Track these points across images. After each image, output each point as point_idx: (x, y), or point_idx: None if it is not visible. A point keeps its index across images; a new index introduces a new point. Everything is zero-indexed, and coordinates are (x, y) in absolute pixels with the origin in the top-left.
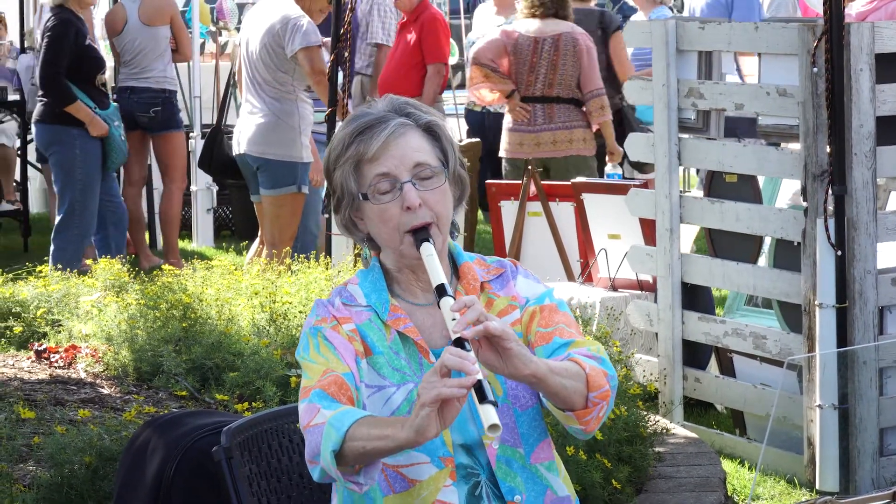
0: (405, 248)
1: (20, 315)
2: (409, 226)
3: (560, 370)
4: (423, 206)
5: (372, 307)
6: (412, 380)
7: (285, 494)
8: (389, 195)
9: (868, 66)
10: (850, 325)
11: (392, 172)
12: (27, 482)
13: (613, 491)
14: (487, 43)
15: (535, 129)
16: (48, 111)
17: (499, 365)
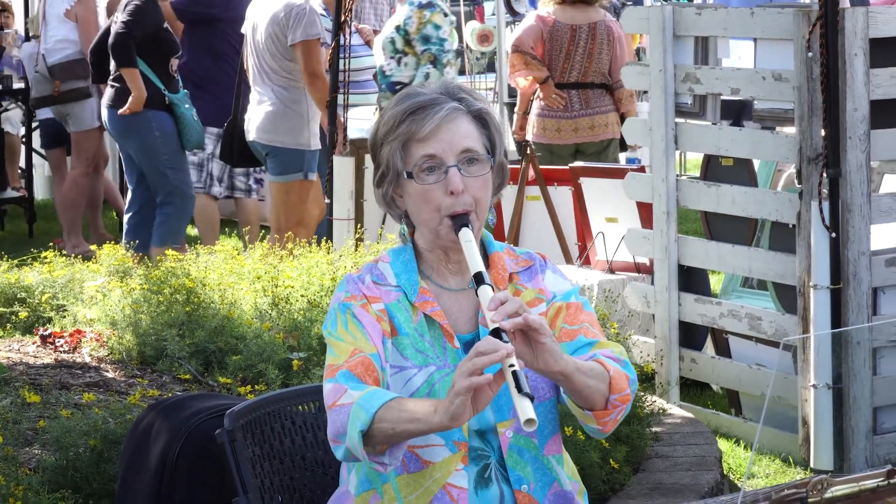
0: (443, 229)
1: (25, 300)
2: (451, 210)
3: (586, 369)
4: (465, 192)
5: (401, 288)
6: (434, 363)
7: (288, 476)
8: (434, 176)
9: (862, 51)
10: (845, 306)
11: (439, 155)
12: (33, 465)
13: (611, 470)
14: (526, 30)
15: (572, 115)
16: (122, 96)
17: (530, 359)
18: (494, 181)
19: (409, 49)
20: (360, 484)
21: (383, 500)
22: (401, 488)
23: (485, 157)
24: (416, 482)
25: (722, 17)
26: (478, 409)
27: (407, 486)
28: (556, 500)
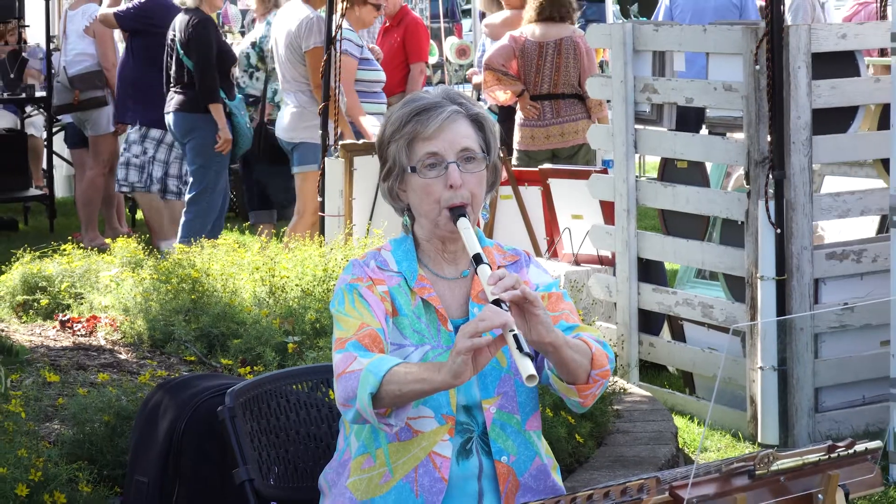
0: (442, 220)
1: (46, 289)
2: (450, 202)
3: (572, 344)
4: (463, 187)
5: (402, 274)
6: (429, 342)
7: (283, 449)
8: (435, 171)
9: (805, 64)
10: (789, 296)
11: (441, 152)
12: (52, 439)
13: (577, 444)
14: (497, 49)
15: (544, 124)
16: (189, 101)
17: (525, 330)
18: (489, 179)
19: (261, 65)
20: (358, 450)
21: (375, 463)
22: (391, 454)
23: (481, 156)
24: (405, 449)
25: (677, 33)
26: (477, 368)
27: (396, 453)
28: (536, 474)
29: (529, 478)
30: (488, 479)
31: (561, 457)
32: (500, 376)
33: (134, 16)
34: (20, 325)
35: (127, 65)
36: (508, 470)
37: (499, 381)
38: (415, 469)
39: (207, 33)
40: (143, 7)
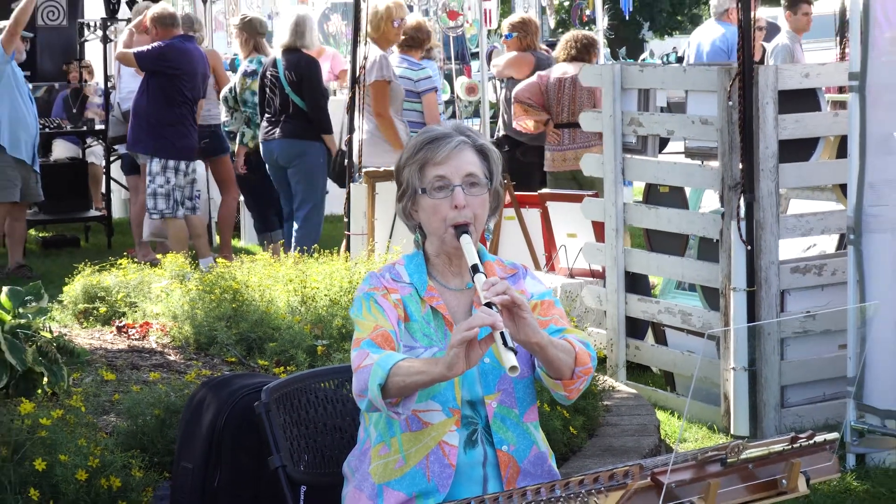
0: (448, 237)
1: (104, 298)
2: (455, 221)
3: (557, 344)
4: (467, 208)
5: (413, 285)
6: (437, 345)
7: (312, 439)
8: (443, 193)
9: (772, 101)
10: (758, 305)
11: (448, 176)
12: (109, 430)
13: (571, 436)
14: (526, 85)
15: (563, 149)
16: (296, 130)
17: (514, 331)
18: (491, 203)
19: (236, 107)
20: (376, 439)
21: (390, 451)
22: (404, 443)
23: (484, 182)
24: (417, 438)
25: (660, 73)
26: (470, 363)
27: (409, 442)
28: (534, 460)
29: (528, 464)
30: (492, 466)
31: (557, 446)
32: (499, 375)
33: (153, 58)
34: (81, 330)
35: (142, 101)
36: (509, 458)
37: (498, 379)
38: (426, 456)
39: (318, 73)
40: (162, 51)
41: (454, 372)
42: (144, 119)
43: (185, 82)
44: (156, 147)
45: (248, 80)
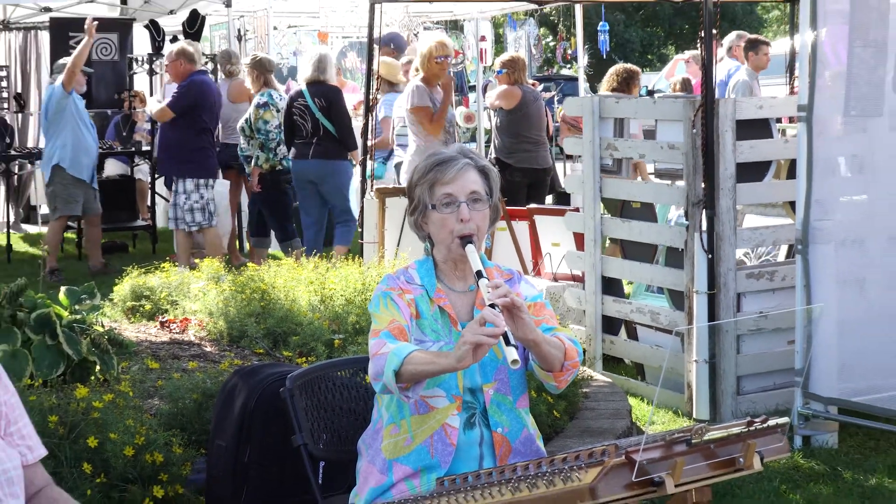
0: (454, 246)
1: (149, 297)
2: (460, 232)
3: (549, 341)
4: (471, 221)
5: (423, 287)
6: (443, 339)
7: (330, 421)
8: (450, 209)
9: (731, 129)
10: (717, 306)
11: (454, 194)
12: (153, 412)
13: (555, 418)
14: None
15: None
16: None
17: (513, 328)
18: (491, 216)
19: (251, 134)
20: (388, 420)
21: (400, 430)
22: (412, 424)
23: (485, 198)
24: (424, 420)
25: (633, 104)
26: (476, 358)
27: (416, 423)
28: (525, 441)
29: (519, 444)
30: (487, 446)
31: (542, 428)
32: (496, 367)
33: (182, 104)
34: (129, 325)
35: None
36: (503, 438)
37: (495, 370)
38: (431, 436)
39: (343, 99)
40: (187, 92)
41: (462, 365)
42: (175, 147)
43: (205, 112)
44: (188, 170)
45: (261, 111)
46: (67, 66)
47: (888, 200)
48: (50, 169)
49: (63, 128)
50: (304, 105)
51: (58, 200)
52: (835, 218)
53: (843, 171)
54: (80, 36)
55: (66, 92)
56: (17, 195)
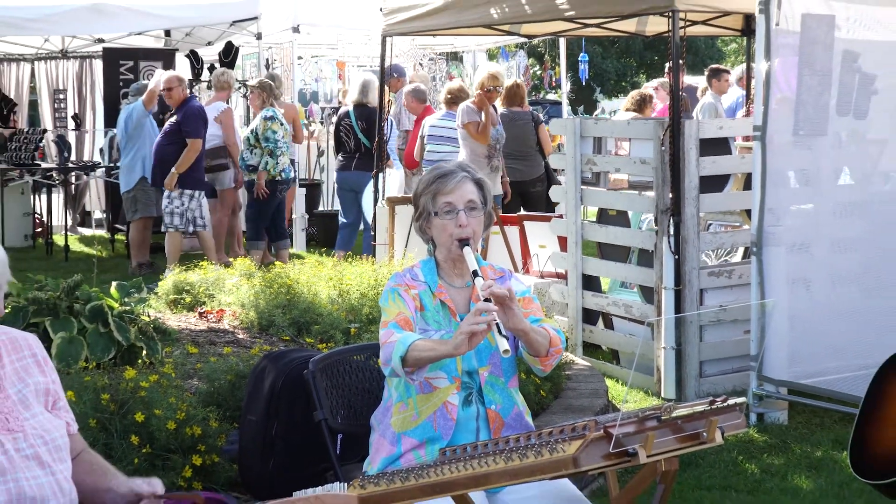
0: (453, 248)
1: (189, 291)
2: (458, 236)
3: (536, 330)
4: (468, 226)
5: (427, 283)
6: (444, 328)
7: (347, 399)
8: (450, 216)
9: (695, 146)
10: (683, 300)
11: (454, 203)
12: (192, 391)
13: (541, 397)
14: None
15: None
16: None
17: (504, 319)
18: (485, 221)
19: (257, 144)
20: (397, 398)
21: (407, 408)
22: (418, 402)
23: (480, 206)
24: (428, 399)
25: (610, 125)
26: (472, 346)
27: (421, 401)
28: (515, 417)
29: (511, 419)
30: (483, 421)
31: (529, 405)
32: (490, 353)
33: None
34: (172, 315)
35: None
36: (497, 414)
37: (489, 355)
38: (434, 412)
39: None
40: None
41: (459, 351)
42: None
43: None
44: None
45: (269, 122)
46: (149, 90)
47: (831, 209)
48: (134, 178)
49: (143, 142)
50: (349, 125)
51: (139, 204)
52: (785, 224)
53: (793, 184)
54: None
55: (147, 110)
56: (75, 202)
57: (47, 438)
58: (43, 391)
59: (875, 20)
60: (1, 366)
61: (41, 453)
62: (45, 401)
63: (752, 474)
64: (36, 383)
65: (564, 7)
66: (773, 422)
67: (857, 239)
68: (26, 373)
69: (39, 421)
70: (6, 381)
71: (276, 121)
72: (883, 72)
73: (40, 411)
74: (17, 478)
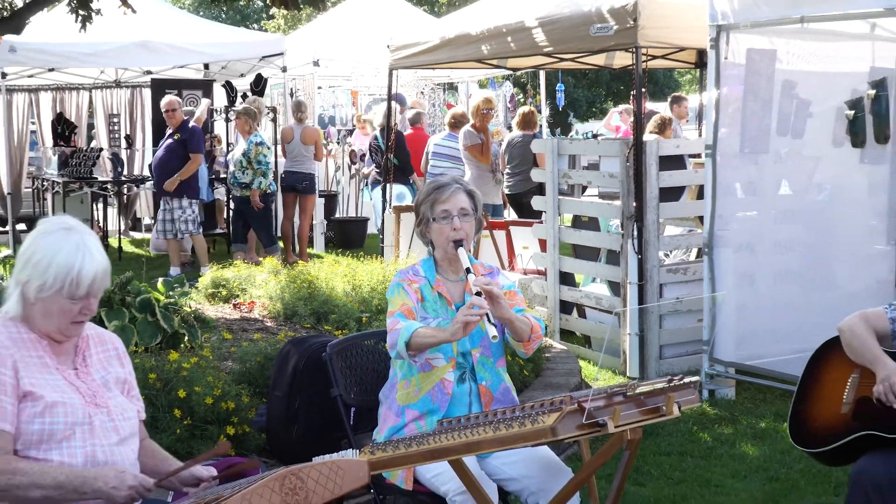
0: (449, 248)
1: (225, 285)
2: (453, 238)
3: (520, 319)
4: (461, 229)
5: (427, 278)
6: (441, 315)
7: (358, 377)
8: (446, 221)
9: (655, 163)
10: (645, 293)
11: (449, 210)
12: (227, 371)
13: (525, 376)
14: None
15: None
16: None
17: (492, 309)
18: (476, 226)
19: (248, 166)
20: (401, 377)
21: (410, 384)
22: (419, 379)
23: (472, 213)
24: (428, 377)
25: (582, 144)
26: (465, 333)
27: (422, 379)
28: (503, 392)
29: (499, 394)
30: (475, 396)
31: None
32: (481, 337)
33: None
34: (210, 306)
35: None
36: (487, 390)
37: (480, 339)
38: (432, 388)
39: (404, 140)
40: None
41: (455, 338)
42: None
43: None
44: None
45: (260, 147)
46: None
47: (772, 216)
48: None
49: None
50: (376, 145)
51: None
52: (732, 228)
53: (739, 194)
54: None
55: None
56: (127, 210)
57: (124, 417)
58: (121, 380)
59: (811, 53)
60: (89, 354)
61: (119, 427)
62: (122, 388)
63: (705, 442)
64: (116, 373)
65: (544, 44)
66: (723, 397)
67: (794, 241)
68: (108, 363)
69: (118, 402)
70: (92, 368)
71: (265, 146)
72: (817, 98)
73: (118, 394)
74: (95, 444)
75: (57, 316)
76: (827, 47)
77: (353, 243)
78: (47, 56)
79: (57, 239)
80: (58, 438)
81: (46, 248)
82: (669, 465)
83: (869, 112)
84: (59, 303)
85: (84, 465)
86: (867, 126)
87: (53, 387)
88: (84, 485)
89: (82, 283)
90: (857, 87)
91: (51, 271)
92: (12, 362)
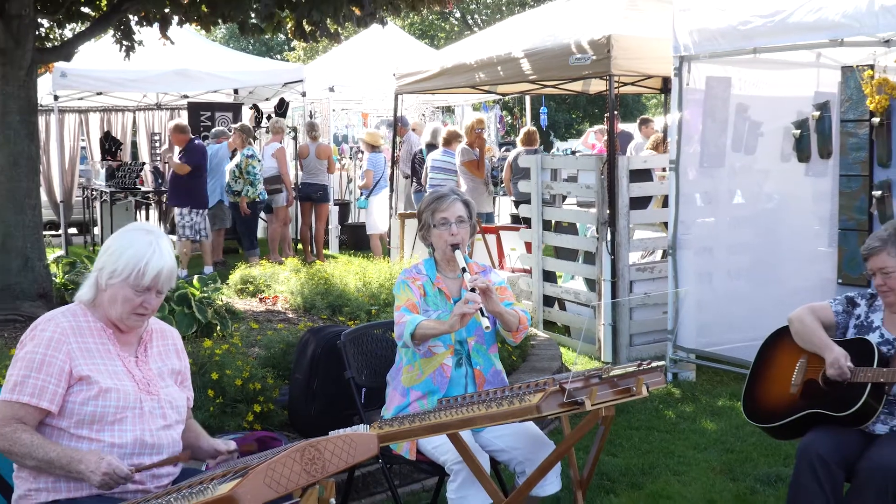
0: (447, 250)
1: (252, 282)
2: (451, 241)
3: (510, 312)
4: (458, 234)
5: (428, 276)
6: (441, 308)
7: (369, 362)
8: (445, 227)
9: (626, 175)
10: (617, 290)
11: (448, 217)
12: (254, 356)
13: (513, 360)
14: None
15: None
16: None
17: (486, 304)
18: (470, 231)
19: (240, 176)
20: (406, 362)
21: (414, 368)
22: (422, 364)
23: (467, 220)
24: (429, 362)
25: (563, 160)
26: (462, 324)
27: (424, 363)
28: (494, 375)
29: (491, 377)
30: (470, 378)
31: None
32: (476, 327)
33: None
34: (239, 300)
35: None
36: (480, 373)
37: (475, 329)
38: (433, 371)
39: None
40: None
41: (454, 329)
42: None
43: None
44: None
45: (251, 160)
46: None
47: (728, 222)
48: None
49: (221, 174)
50: (421, 158)
51: (216, 219)
52: (693, 233)
53: (699, 203)
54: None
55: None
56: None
57: (173, 405)
58: (177, 372)
59: (762, 80)
60: (151, 346)
61: (167, 414)
62: (176, 378)
63: (669, 418)
64: (172, 364)
65: (529, 72)
66: (685, 379)
67: (747, 244)
68: (167, 356)
69: (169, 391)
70: (151, 359)
71: (255, 158)
72: (767, 119)
73: (171, 384)
74: (144, 428)
75: (120, 304)
76: (776, 75)
77: (364, 245)
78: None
79: (135, 236)
80: (109, 420)
81: (123, 241)
82: (639, 439)
83: (814, 131)
84: (124, 291)
85: (133, 444)
86: (812, 143)
87: (111, 373)
88: (70, 465)
89: (147, 274)
90: (803, 110)
91: (122, 260)
92: (67, 349)
